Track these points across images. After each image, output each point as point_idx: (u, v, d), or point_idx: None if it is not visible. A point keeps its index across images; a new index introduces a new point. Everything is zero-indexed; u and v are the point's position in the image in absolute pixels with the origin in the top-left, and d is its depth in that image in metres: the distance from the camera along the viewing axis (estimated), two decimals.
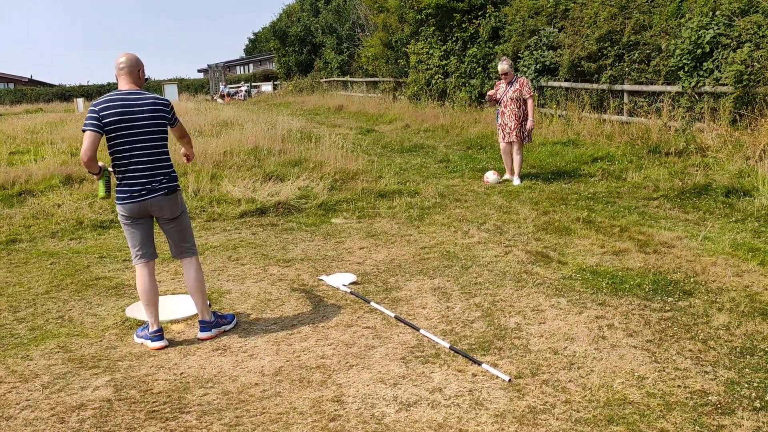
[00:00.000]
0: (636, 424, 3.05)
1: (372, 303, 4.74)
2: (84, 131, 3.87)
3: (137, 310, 4.75)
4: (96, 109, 3.88)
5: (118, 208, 4.06)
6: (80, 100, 29.21)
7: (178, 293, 5.14)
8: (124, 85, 4.04)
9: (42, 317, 4.74)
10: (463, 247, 6.05)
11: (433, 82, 18.07)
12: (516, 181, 8.86)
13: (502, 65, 8.67)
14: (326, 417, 3.24)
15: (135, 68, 4.05)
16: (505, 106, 8.75)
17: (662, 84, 11.01)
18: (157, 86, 45.31)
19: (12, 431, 3.19)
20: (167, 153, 4.12)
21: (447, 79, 17.60)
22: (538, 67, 13.90)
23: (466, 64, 16.57)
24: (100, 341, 4.28)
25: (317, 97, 27.13)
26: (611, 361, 3.70)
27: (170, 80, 48.22)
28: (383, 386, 3.52)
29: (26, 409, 3.42)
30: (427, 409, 3.26)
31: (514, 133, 8.73)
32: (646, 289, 4.76)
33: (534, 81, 13.97)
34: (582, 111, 12.60)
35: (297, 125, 15.37)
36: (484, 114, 14.90)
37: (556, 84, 13.51)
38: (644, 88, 11.32)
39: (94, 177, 4.08)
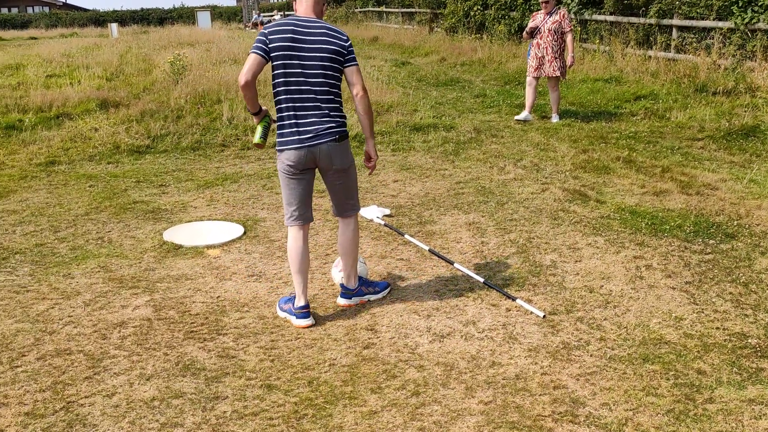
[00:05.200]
0: (672, 363, 3.03)
1: (406, 236, 4.73)
2: (249, 54, 3.36)
3: (174, 235, 4.82)
4: (266, 32, 3.37)
5: (279, 157, 3.45)
6: (114, 25, 29.04)
7: (214, 219, 5.19)
8: (303, 12, 3.47)
9: (82, 238, 4.83)
10: (499, 183, 5.96)
11: (472, 14, 17.49)
12: (554, 118, 8.58)
13: None
14: (360, 344, 3.27)
15: (323, 0, 3.51)
16: (541, 37, 8.26)
17: (714, 19, 10.49)
18: (191, 12, 44.83)
19: (55, 345, 3.30)
20: (338, 94, 3.47)
21: (486, 11, 17.01)
22: None
23: None
24: (139, 263, 4.37)
25: (351, 27, 26.57)
26: (648, 301, 3.65)
27: (203, 7, 47.59)
28: (416, 317, 3.54)
29: (69, 324, 3.52)
30: (460, 341, 3.28)
31: (551, 67, 8.27)
32: (687, 231, 4.65)
33: (577, 14, 13.43)
34: (626, 47, 12.12)
35: None
36: (523, 48, 14.43)
37: (600, 18, 12.96)
38: (694, 23, 10.80)
39: (254, 119, 3.58)
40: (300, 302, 3.51)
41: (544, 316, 3.50)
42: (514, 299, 3.70)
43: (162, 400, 2.83)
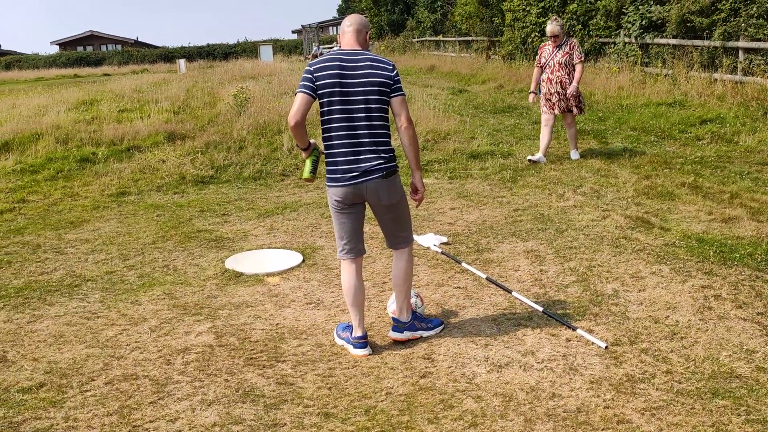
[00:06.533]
0: (743, 398, 2.89)
1: (463, 264, 4.70)
2: (296, 93, 3.38)
3: (236, 263, 4.94)
4: (311, 69, 3.36)
5: (328, 192, 3.47)
6: (182, 61, 30.27)
7: (274, 247, 5.30)
8: (347, 45, 3.47)
9: (149, 265, 5.01)
10: (558, 210, 5.87)
11: (529, 40, 17.45)
12: (574, 155, 7.88)
13: (552, 26, 7.51)
14: (417, 373, 3.26)
15: (364, 28, 3.49)
16: (552, 72, 7.60)
17: None
18: (254, 47, 46.35)
19: (123, 370, 3.42)
20: (386, 126, 3.42)
21: (544, 38, 16.94)
22: (643, 23, 13.12)
23: (565, 21, 15.88)
24: (202, 290, 4.49)
25: (409, 57, 26.88)
26: (718, 333, 3.51)
27: (265, 41, 49.14)
28: (474, 346, 3.51)
29: (136, 350, 3.64)
30: (519, 372, 3.22)
31: (564, 103, 7.61)
32: (759, 260, 4.46)
33: (638, 38, 13.22)
34: (690, 70, 11.82)
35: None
36: (583, 74, 14.27)
37: (662, 41, 12.72)
38: (762, 44, 10.45)
39: (302, 154, 3.59)
40: (357, 333, 3.52)
41: (607, 347, 3.41)
42: (574, 329, 3.61)
43: (222, 425, 2.88)
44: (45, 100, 13.83)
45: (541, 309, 3.88)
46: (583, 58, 7.57)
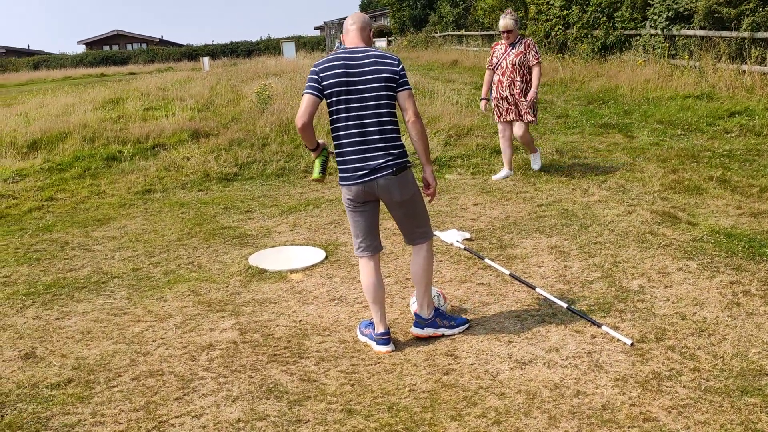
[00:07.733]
0: None
1: (486, 260, 4.68)
2: (303, 94, 3.37)
3: (259, 259, 4.97)
4: (316, 69, 3.35)
5: (342, 190, 3.49)
6: (206, 59, 30.51)
7: (297, 244, 5.32)
8: (351, 43, 3.46)
9: (174, 262, 5.07)
10: (583, 206, 5.81)
11: (553, 33, 17.28)
12: (536, 165, 7.18)
13: (505, 20, 6.66)
14: (440, 370, 3.25)
15: (367, 26, 3.48)
16: (504, 74, 6.77)
17: None
18: (276, 44, 46.58)
19: (149, 366, 3.46)
20: (395, 122, 3.41)
21: (568, 31, 16.76)
22: (670, 14, 12.91)
23: (589, 13, 15.68)
24: (226, 287, 4.53)
25: (431, 52, 26.79)
26: (746, 329, 3.44)
27: (288, 38, 49.33)
28: (497, 343, 3.49)
29: (161, 346, 3.69)
30: (543, 369, 3.20)
31: (514, 109, 6.83)
32: None
33: (664, 30, 13.00)
34: (718, 61, 11.61)
35: (411, 81, 15.26)
36: (606, 67, 14.10)
37: (690, 32, 12.50)
38: None
39: (312, 154, 3.59)
40: (380, 329, 3.51)
41: (632, 344, 3.37)
42: (599, 326, 3.58)
43: (246, 422, 2.91)
44: (72, 99, 14.05)
45: (565, 305, 3.85)
46: (540, 59, 6.77)
